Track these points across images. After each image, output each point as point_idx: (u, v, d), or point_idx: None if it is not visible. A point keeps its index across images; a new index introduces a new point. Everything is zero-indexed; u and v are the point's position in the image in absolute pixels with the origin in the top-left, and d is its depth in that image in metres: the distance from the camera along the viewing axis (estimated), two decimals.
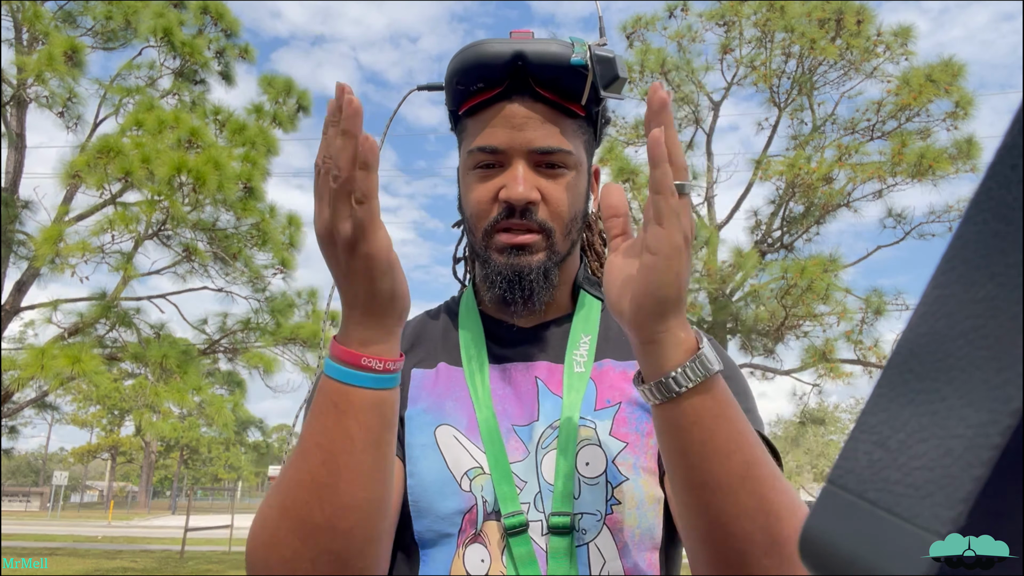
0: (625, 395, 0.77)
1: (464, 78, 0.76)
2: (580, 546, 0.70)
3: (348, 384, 0.58)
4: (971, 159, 8.87)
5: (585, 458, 0.73)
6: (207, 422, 7.98)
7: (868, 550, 0.20)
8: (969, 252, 0.20)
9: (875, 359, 8.94)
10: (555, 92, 0.75)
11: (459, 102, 0.79)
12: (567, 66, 0.73)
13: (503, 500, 0.70)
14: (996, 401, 0.18)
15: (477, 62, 0.75)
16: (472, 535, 0.71)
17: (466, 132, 0.80)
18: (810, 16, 9.44)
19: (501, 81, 0.75)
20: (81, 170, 6.65)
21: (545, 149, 0.76)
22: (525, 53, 0.73)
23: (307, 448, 0.59)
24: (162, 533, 21.46)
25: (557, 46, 0.74)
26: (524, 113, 0.75)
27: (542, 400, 0.77)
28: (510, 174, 0.76)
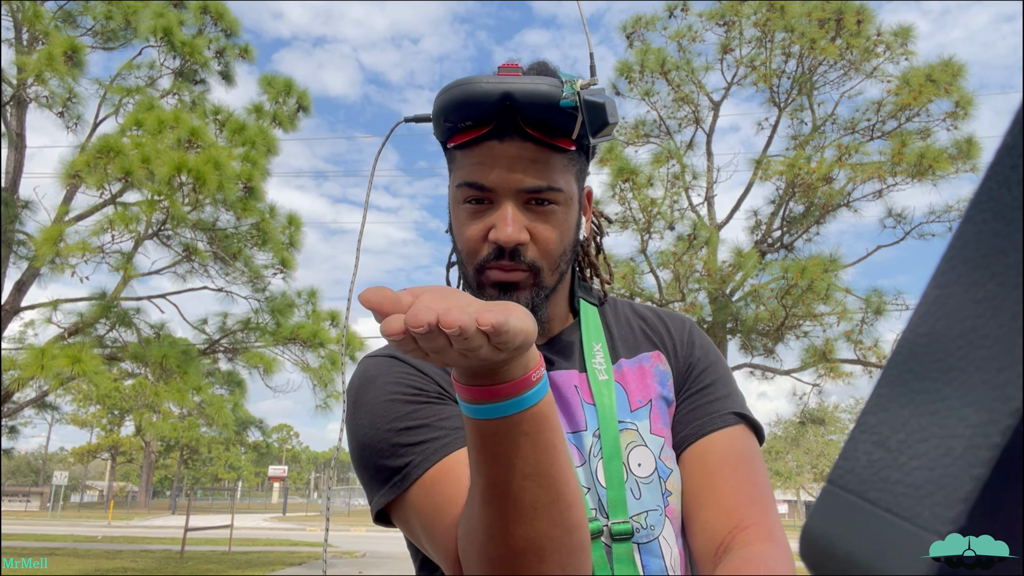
0: (651, 392, 0.82)
1: (452, 115, 0.75)
2: (651, 542, 0.74)
3: (503, 418, 0.54)
4: (971, 159, 8.87)
5: (636, 459, 0.77)
6: (207, 422, 7.98)
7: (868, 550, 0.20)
8: (969, 252, 0.20)
9: (875, 359, 8.93)
10: (544, 131, 0.75)
11: (447, 137, 0.79)
12: (556, 106, 0.73)
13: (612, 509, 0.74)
14: (996, 401, 0.18)
15: (465, 100, 0.74)
16: None
17: (456, 164, 0.80)
18: (810, 16, 9.44)
19: (489, 120, 0.74)
20: (81, 170, 6.65)
21: (534, 188, 0.75)
22: (513, 93, 0.72)
23: (489, 489, 0.58)
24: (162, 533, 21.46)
25: (546, 86, 0.73)
26: (513, 153, 0.75)
27: (585, 408, 0.80)
28: (500, 215, 0.75)
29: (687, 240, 9.35)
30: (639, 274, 9.88)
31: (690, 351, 0.86)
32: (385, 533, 24.33)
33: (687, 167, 10.06)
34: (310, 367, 8.20)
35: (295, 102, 8.81)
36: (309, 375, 8.24)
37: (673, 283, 9.82)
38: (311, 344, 7.97)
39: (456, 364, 0.49)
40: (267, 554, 14.54)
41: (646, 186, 9.55)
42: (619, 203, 9.59)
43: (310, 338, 7.91)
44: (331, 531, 24.80)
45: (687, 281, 9.55)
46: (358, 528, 26.35)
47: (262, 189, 7.56)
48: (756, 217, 10.60)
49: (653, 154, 10.14)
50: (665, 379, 0.83)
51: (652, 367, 0.84)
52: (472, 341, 0.46)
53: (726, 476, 0.75)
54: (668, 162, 9.98)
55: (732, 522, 0.71)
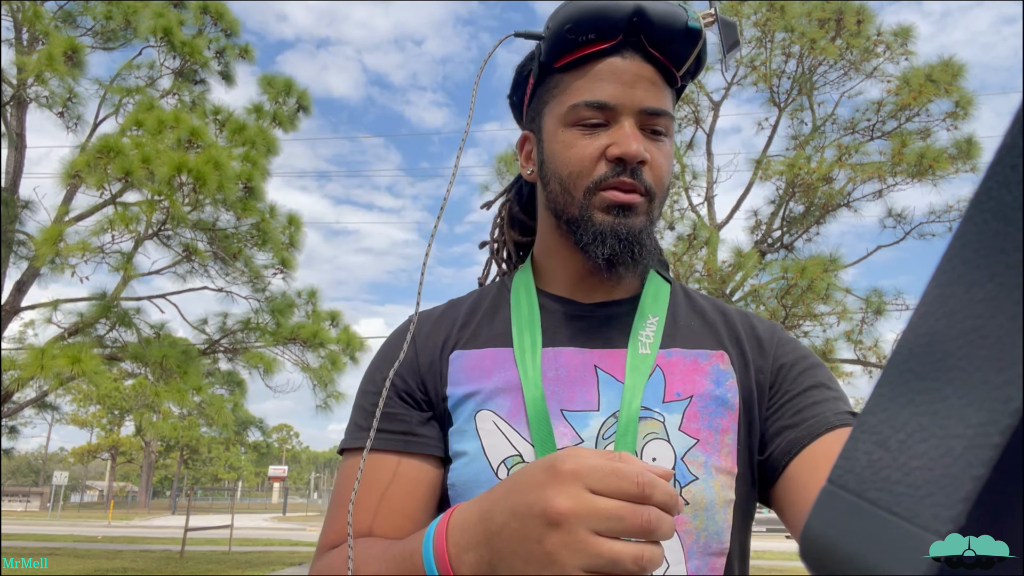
0: (697, 387, 0.73)
1: (576, 27, 0.72)
2: None
3: (423, 564, 0.55)
4: (971, 159, 8.87)
5: (652, 453, 0.68)
6: (207, 422, 7.98)
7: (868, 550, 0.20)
8: (969, 252, 0.20)
9: (875, 359, 8.94)
10: (666, 54, 0.74)
11: (561, 53, 0.75)
12: (683, 29, 0.72)
13: None
14: (996, 401, 0.18)
15: (594, 12, 0.71)
16: None
17: (562, 87, 0.76)
18: (810, 16, 9.44)
19: (615, 34, 0.72)
20: (81, 170, 6.65)
21: (655, 110, 0.73)
22: (645, 9, 0.71)
23: None
24: (162, 533, 21.46)
25: (675, 7, 0.72)
26: (635, 70, 0.73)
27: (603, 388, 0.72)
28: (619, 131, 0.72)
29: (687, 240, 9.36)
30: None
31: (781, 352, 0.77)
32: None
33: (687, 167, 10.06)
34: (310, 367, 8.20)
35: (295, 102, 8.81)
36: (309, 375, 8.24)
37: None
38: (311, 344, 7.97)
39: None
40: (267, 554, 14.54)
41: None
42: None
43: (310, 338, 7.91)
44: None
45: (687, 281, 9.55)
46: None
47: (262, 189, 7.56)
48: (756, 217, 10.60)
49: None
50: (723, 378, 0.74)
51: (710, 365, 0.75)
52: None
53: None
54: None
55: None
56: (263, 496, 66.63)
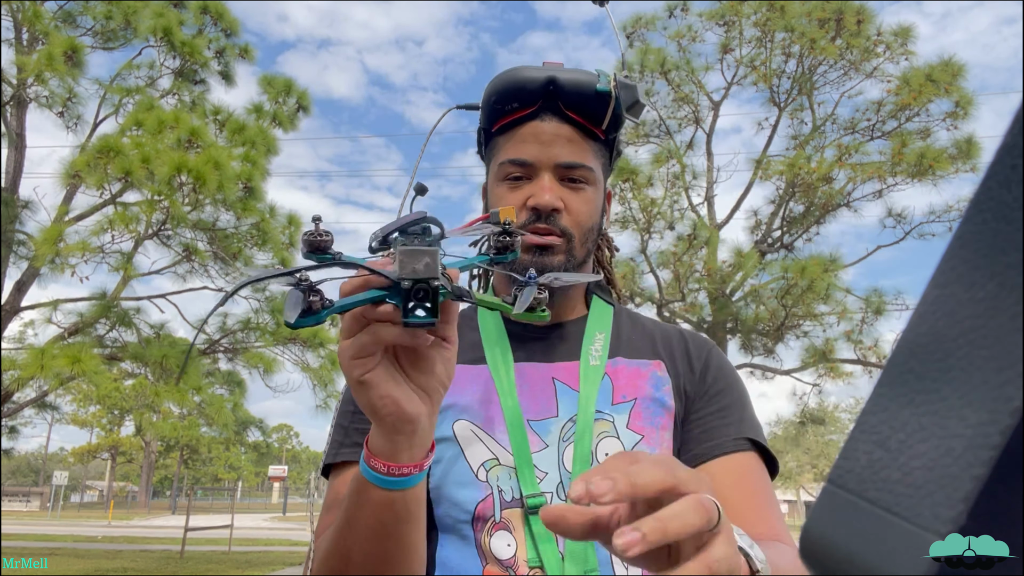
0: (640, 391, 0.84)
1: (501, 98, 0.85)
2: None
3: (362, 478, 0.62)
4: (971, 159, 8.86)
5: (604, 449, 0.79)
6: (207, 422, 7.98)
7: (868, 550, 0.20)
8: (969, 252, 0.20)
9: (875, 359, 8.93)
10: (581, 114, 0.84)
11: (494, 120, 0.88)
12: (593, 92, 0.83)
13: (524, 482, 0.77)
14: (996, 401, 0.18)
15: (514, 85, 0.84)
16: (494, 523, 0.77)
17: (497, 148, 0.89)
18: (810, 16, 9.44)
19: (534, 102, 0.84)
20: (81, 170, 6.65)
21: (570, 164, 0.84)
22: (557, 78, 0.82)
23: (340, 526, 0.65)
24: (162, 533, 21.46)
25: (585, 75, 0.83)
26: (553, 131, 0.84)
27: (560, 397, 0.83)
28: (537, 184, 0.84)
29: (687, 240, 9.36)
30: (639, 274, 9.88)
31: (706, 368, 0.87)
32: None
33: (687, 167, 10.06)
34: (310, 367, 8.20)
35: (295, 102, 8.81)
36: (309, 375, 8.24)
37: (673, 283, 9.82)
38: (311, 344, 7.97)
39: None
40: (267, 554, 14.54)
41: (646, 186, 9.55)
42: (619, 203, 9.60)
43: (310, 338, 7.91)
44: None
45: (687, 281, 9.55)
46: None
47: (262, 189, 7.56)
48: (756, 217, 10.60)
49: (653, 154, 10.15)
50: (661, 384, 0.85)
51: (649, 372, 0.86)
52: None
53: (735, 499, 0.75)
54: (668, 162, 9.98)
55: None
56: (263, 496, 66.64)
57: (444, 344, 0.59)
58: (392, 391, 0.56)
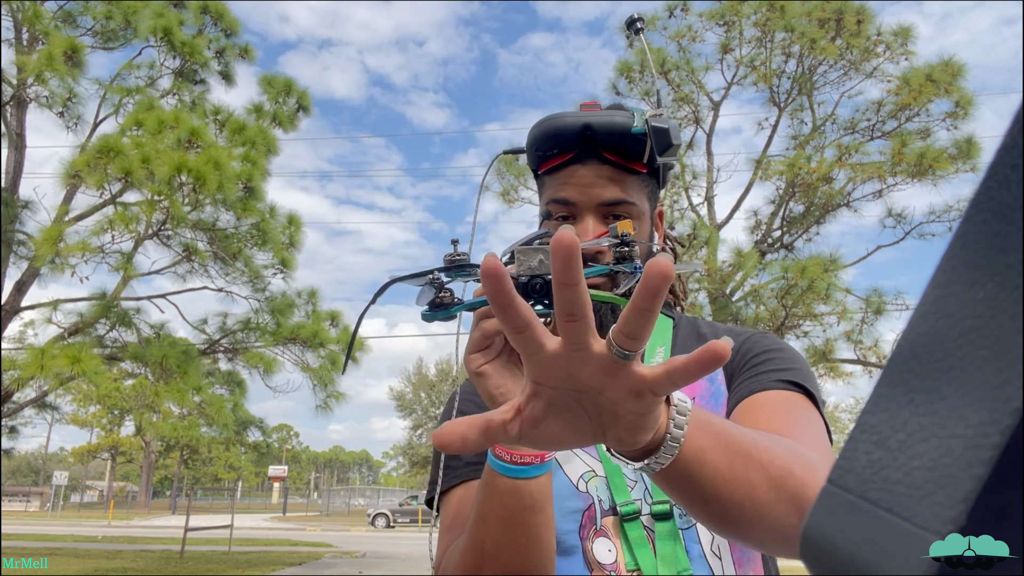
0: (696, 390, 0.89)
1: (541, 145, 0.90)
2: (689, 528, 0.82)
3: (491, 469, 0.69)
4: (971, 159, 8.86)
5: None
6: (207, 422, 7.98)
7: (868, 550, 0.20)
8: (969, 252, 0.20)
9: (875, 359, 8.93)
10: (619, 155, 0.88)
11: (537, 164, 0.93)
12: (628, 133, 0.86)
13: (616, 491, 0.83)
14: (996, 401, 0.18)
15: (552, 132, 0.88)
16: (594, 531, 0.82)
17: (544, 188, 0.94)
18: (810, 16, 9.44)
19: (572, 148, 0.88)
20: (81, 170, 6.65)
21: (610, 201, 0.88)
22: (592, 124, 0.86)
23: (474, 519, 0.72)
24: (162, 533, 21.46)
25: (620, 117, 0.86)
26: (592, 174, 0.88)
27: None
28: (581, 226, 0.88)
29: (687, 240, 9.35)
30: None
31: (744, 342, 0.91)
32: (384, 533, 24.30)
33: (687, 167, 10.06)
34: (310, 367, 8.19)
35: (295, 102, 8.81)
36: (309, 375, 8.23)
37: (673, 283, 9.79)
38: (311, 344, 7.97)
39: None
40: (267, 554, 14.54)
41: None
42: None
43: (310, 338, 7.90)
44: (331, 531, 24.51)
45: (687, 281, 9.54)
46: (358, 528, 26.36)
47: (262, 189, 7.56)
48: (756, 217, 10.60)
49: None
50: (714, 376, 0.89)
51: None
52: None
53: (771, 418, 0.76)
54: None
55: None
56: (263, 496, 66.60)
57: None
58: (506, 381, 0.64)
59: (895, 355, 0.22)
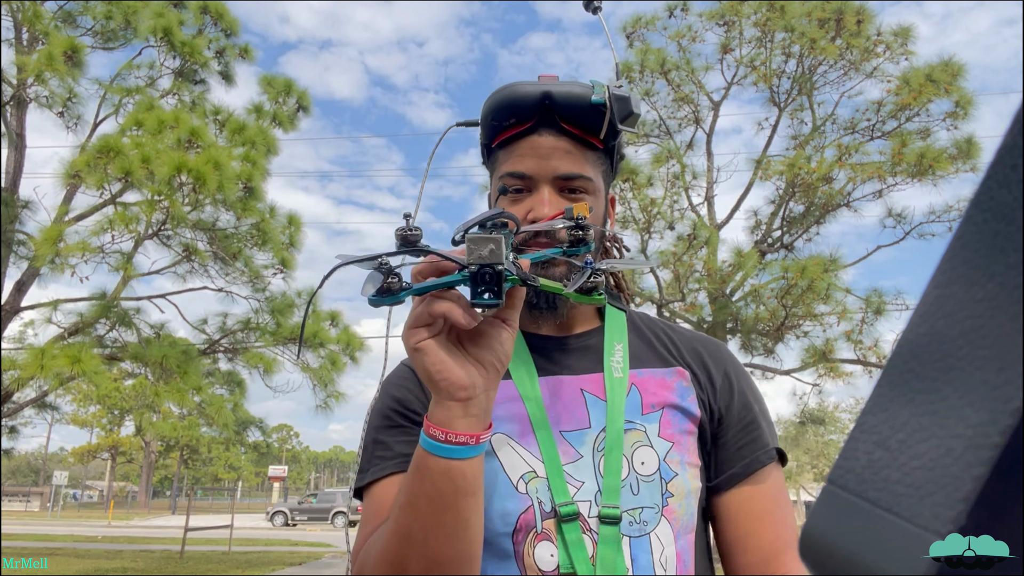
0: (666, 401, 0.87)
1: (498, 115, 0.87)
2: (642, 536, 0.80)
3: (422, 449, 0.67)
4: (971, 159, 8.86)
5: (640, 458, 0.83)
6: (207, 422, 7.98)
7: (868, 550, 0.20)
8: (969, 252, 0.20)
9: (875, 359, 8.93)
10: (577, 126, 0.86)
11: (493, 136, 0.89)
12: (588, 104, 0.84)
13: (556, 492, 0.80)
14: (996, 401, 0.18)
15: (510, 101, 0.86)
16: (535, 534, 0.79)
17: (498, 162, 0.91)
18: (810, 16, 9.44)
19: (530, 117, 0.85)
20: (81, 170, 6.65)
21: (567, 175, 0.86)
22: (552, 93, 0.84)
23: (402, 503, 0.69)
24: (162, 533, 21.46)
25: (579, 87, 0.85)
26: (550, 144, 0.85)
27: (591, 408, 0.85)
28: (537, 197, 0.86)
29: (687, 240, 9.35)
30: (639, 274, 9.87)
31: (727, 382, 0.92)
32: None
33: (687, 167, 10.06)
34: (310, 367, 8.19)
35: (295, 102, 8.81)
36: (309, 375, 8.23)
37: (673, 283, 9.82)
38: (311, 344, 7.97)
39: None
40: (267, 554, 14.54)
41: (646, 186, 9.55)
42: (619, 203, 9.59)
43: (310, 338, 7.90)
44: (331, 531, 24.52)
45: (687, 281, 9.55)
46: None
47: (262, 189, 7.55)
48: (756, 217, 10.60)
49: (653, 154, 10.14)
50: (686, 394, 0.88)
51: (675, 382, 0.89)
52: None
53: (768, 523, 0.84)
54: (668, 162, 9.98)
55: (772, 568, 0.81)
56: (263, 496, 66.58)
57: (504, 325, 0.65)
58: (445, 358, 0.63)
59: (895, 355, 0.22)
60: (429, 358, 0.63)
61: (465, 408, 0.65)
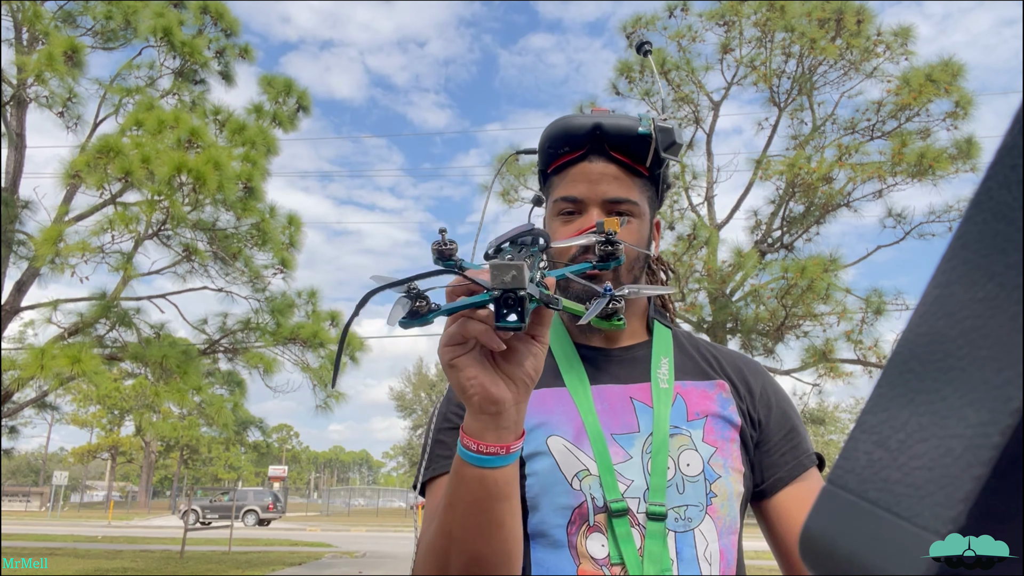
0: (709, 410, 0.95)
1: (553, 144, 0.96)
2: (687, 532, 0.87)
3: (459, 458, 0.72)
4: (971, 159, 8.86)
5: (686, 460, 0.90)
6: (207, 422, 7.98)
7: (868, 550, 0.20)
8: (969, 252, 0.20)
9: (875, 359, 8.93)
10: (625, 155, 0.94)
11: (548, 163, 0.99)
12: (635, 134, 0.92)
13: (607, 488, 0.86)
14: (996, 401, 0.18)
15: (564, 131, 0.95)
16: (587, 527, 0.86)
17: (552, 187, 0.99)
18: (810, 16, 9.44)
19: (583, 145, 0.94)
20: (81, 170, 6.65)
21: (615, 199, 0.94)
22: (602, 124, 0.93)
23: (444, 505, 0.75)
24: (162, 533, 21.46)
25: (627, 119, 0.93)
26: (600, 171, 0.94)
27: (640, 414, 0.93)
28: (587, 219, 0.94)
29: (687, 240, 9.35)
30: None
31: (764, 394, 1.00)
32: (384, 533, 24.31)
33: (687, 167, 10.06)
34: (310, 367, 8.19)
35: (295, 102, 8.81)
36: (309, 375, 8.23)
37: (673, 283, 9.80)
38: (311, 344, 7.97)
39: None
40: (267, 554, 14.54)
41: None
42: None
43: (310, 338, 7.90)
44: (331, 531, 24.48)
45: (687, 281, 9.55)
46: (358, 528, 26.36)
47: (262, 189, 7.56)
48: (756, 217, 10.59)
49: None
50: (727, 404, 0.96)
51: (716, 393, 0.97)
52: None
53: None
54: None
55: None
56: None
57: (534, 342, 0.69)
58: (478, 374, 0.67)
59: (895, 355, 0.22)
60: (463, 374, 0.66)
61: (496, 421, 0.69)
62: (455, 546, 0.74)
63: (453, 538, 0.74)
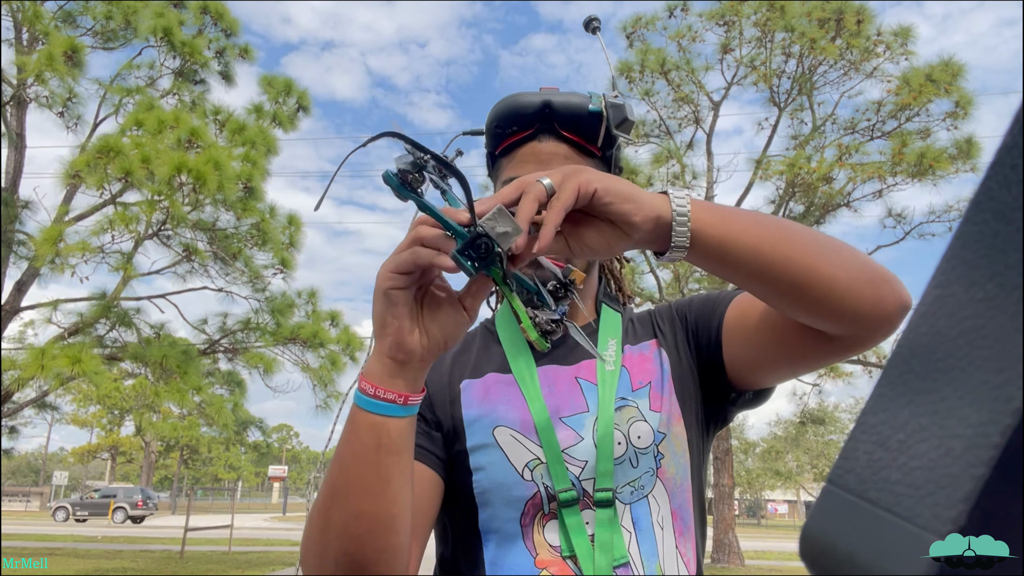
0: (650, 375, 0.93)
1: (501, 123, 0.92)
2: (640, 500, 0.85)
3: (355, 404, 0.69)
4: (971, 159, 8.86)
5: (636, 432, 0.87)
6: (207, 422, 7.98)
7: (868, 550, 0.20)
8: (969, 252, 0.20)
9: (875, 359, 8.93)
10: (576, 134, 0.90)
11: (496, 144, 0.94)
12: (586, 112, 0.88)
13: (555, 478, 0.83)
14: (996, 401, 0.18)
15: (512, 110, 0.91)
16: (542, 515, 0.84)
17: (500, 169, 0.95)
18: (810, 16, 9.44)
19: (531, 125, 0.90)
20: (81, 170, 6.65)
21: None
22: (551, 102, 0.89)
23: (334, 457, 0.72)
24: (162, 533, 21.47)
25: (577, 97, 0.90)
26: (550, 150, 0.90)
27: (587, 394, 0.90)
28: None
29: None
30: (639, 274, 9.88)
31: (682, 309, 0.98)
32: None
33: (687, 167, 10.06)
34: (310, 367, 8.19)
35: (295, 102, 8.81)
36: (309, 375, 8.23)
37: (673, 283, 9.82)
38: (311, 344, 7.97)
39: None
40: (267, 554, 14.54)
41: (646, 186, 9.55)
42: None
43: (310, 338, 7.90)
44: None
45: (687, 281, 9.55)
46: None
47: (262, 189, 7.56)
48: None
49: (653, 154, 10.15)
50: (659, 358, 0.94)
51: (652, 353, 0.95)
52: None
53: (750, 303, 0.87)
54: (668, 162, 9.98)
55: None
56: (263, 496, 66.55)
57: (463, 310, 0.68)
58: (403, 316, 0.65)
59: (895, 355, 0.22)
60: (392, 309, 0.65)
61: (399, 370, 0.67)
62: (337, 502, 0.69)
63: (336, 494, 0.69)
